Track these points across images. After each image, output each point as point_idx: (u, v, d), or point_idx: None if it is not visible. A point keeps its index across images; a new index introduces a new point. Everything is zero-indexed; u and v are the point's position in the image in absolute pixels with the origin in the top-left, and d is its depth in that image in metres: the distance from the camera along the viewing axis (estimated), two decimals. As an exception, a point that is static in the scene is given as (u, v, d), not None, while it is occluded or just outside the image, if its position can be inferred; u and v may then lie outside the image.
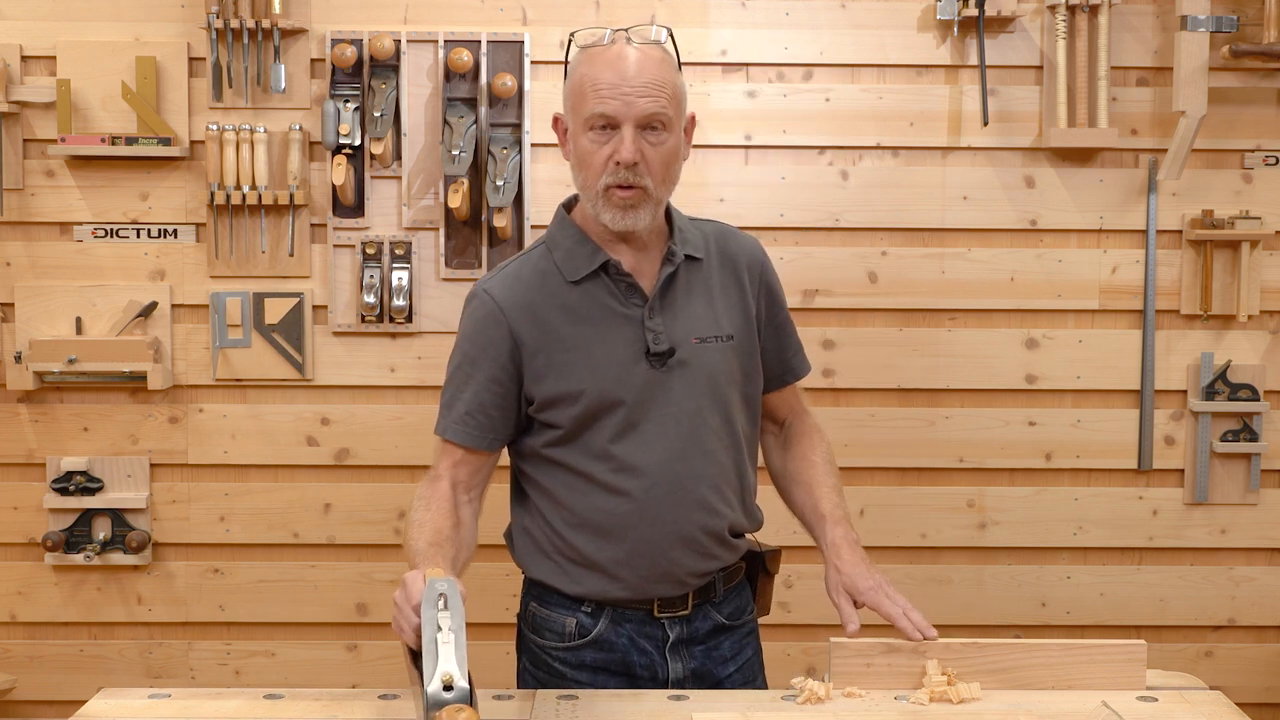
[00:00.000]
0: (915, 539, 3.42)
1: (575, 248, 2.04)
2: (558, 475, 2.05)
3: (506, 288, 2.04)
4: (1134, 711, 1.86)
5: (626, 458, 2.00)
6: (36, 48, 3.30)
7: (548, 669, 2.11)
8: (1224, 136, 3.36)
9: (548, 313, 2.01)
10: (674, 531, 2.02)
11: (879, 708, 1.87)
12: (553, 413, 2.02)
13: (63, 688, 3.41)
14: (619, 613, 2.07)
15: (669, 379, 2.01)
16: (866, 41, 3.34)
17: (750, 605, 2.21)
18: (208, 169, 3.29)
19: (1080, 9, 3.26)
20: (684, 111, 2.01)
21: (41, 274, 3.35)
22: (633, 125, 1.92)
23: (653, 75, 1.93)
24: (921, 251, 3.38)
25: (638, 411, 2.01)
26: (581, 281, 2.02)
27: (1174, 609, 3.46)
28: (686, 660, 2.10)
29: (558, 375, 2.00)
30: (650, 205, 1.97)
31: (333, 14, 3.31)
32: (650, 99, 1.92)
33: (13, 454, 3.39)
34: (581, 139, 1.96)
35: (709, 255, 2.10)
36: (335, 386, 3.38)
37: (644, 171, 1.94)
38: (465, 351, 2.06)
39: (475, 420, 2.03)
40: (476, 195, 3.28)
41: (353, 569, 3.42)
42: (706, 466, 2.04)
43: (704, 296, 2.07)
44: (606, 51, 1.94)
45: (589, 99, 1.93)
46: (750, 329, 2.11)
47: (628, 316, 2.02)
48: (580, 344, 2.00)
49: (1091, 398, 3.41)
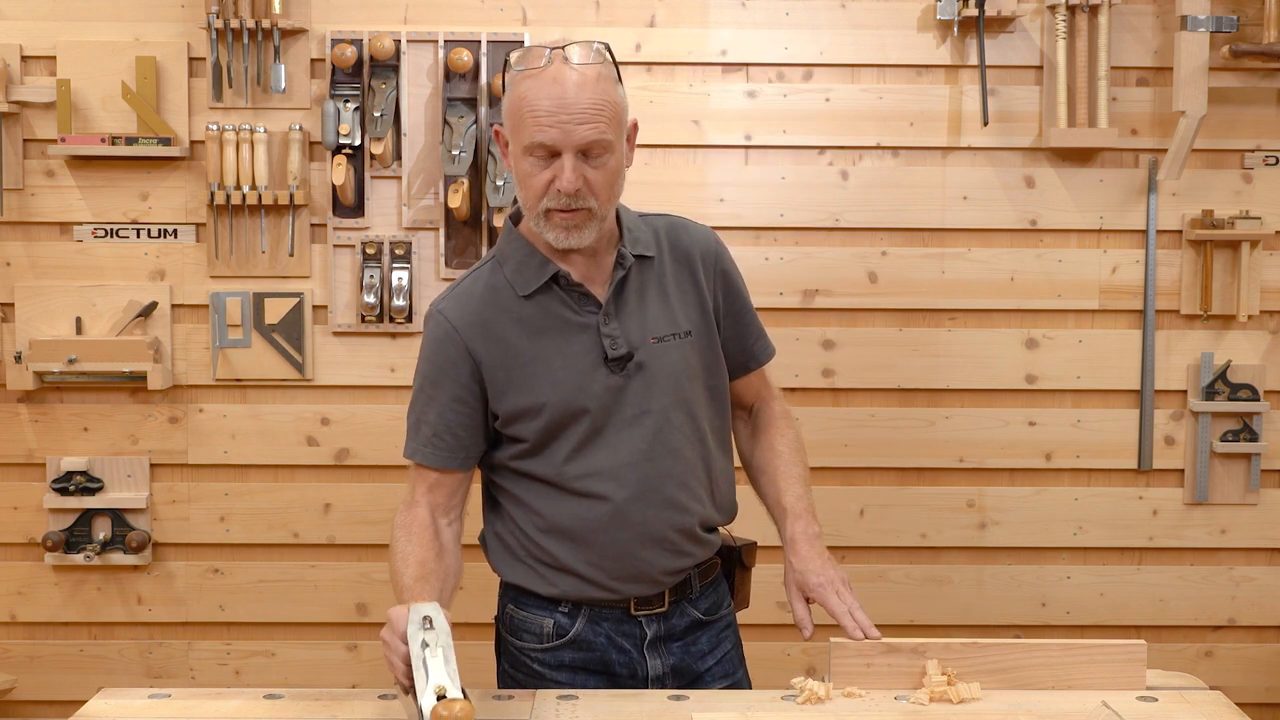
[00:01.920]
0: (915, 539, 3.42)
1: (525, 260, 2.02)
2: (526, 484, 2.05)
3: (460, 306, 2.03)
4: (1134, 711, 1.86)
5: (593, 464, 2.00)
6: (36, 48, 3.31)
7: (527, 670, 2.11)
8: (1224, 136, 3.36)
9: (503, 328, 2.01)
10: (645, 532, 2.02)
11: (879, 708, 1.88)
12: (517, 426, 2.02)
13: (63, 688, 3.41)
14: (596, 612, 2.07)
15: (630, 383, 2.01)
16: (866, 41, 3.34)
17: (727, 600, 2.21)
18: (208, 169, 3.29)
19: (1080, 9, 3.26)
20: (625, 125, 1.96)
21: (41, 274, 3.35)
22: (572, 153, 1.89)
23: (591, 99, 1.88)
24: (921, 251, 3.38)
25: (601, 417, 2.00)
26: (534, 295, 2.01)
27: (1174, 609, 3.46)
28: (665, 657, 2.10)
29: (519, 390, 2.00)
30: (595, 223, 1.95)
31: (333, 14, 3.31)
32: (589, 125, 1.88)
33: (13, 454, 3.39)
34: (522, 161, 1.93)
35: (661, 251, 2.08)
36: (335, 386, 3.38)
37: (587, 194, 1.91)
38: (426, 373, 2.05)
39: (444, 441, 2.03)
40: (476, 195, 3.28)
41: (353, 569, 3.42)
42: (674, 465, 2.04)
43: (658, 295, 2.06)
44: (543, 74, 1.89)
45: (527, 125, 1.89)
46: (708, 321, 2.10)
47: (583, 325, 2.01)
48: (538, 357, 2.00)
49: (1091, 398, 3.41)
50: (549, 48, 1.90)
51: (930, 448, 3.40)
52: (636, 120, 2.02)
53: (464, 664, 1.85)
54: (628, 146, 1.99)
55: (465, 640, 3.23)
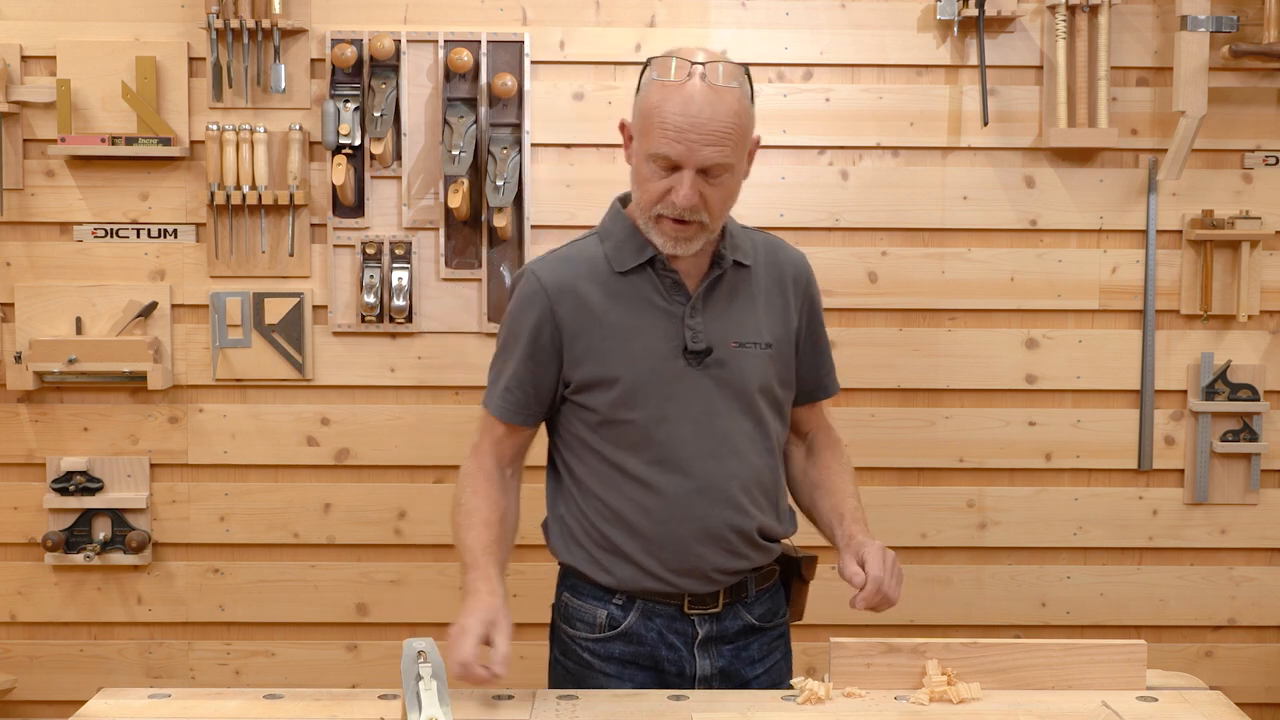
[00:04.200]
0: (915, 539, 3.42)
1: (626, 240, 2.07)
2: (592, 464, 2.08)
3: (553, 269, 2.08)
4: (1134, 711, 1.86)
5: (658, 452, 2.04)
6: (36, 48, 3.30)
7: (577, 659, 2.14)
8: (1224, 136, 3.36)
9: (591, 298, 2.04)
10: (702, 528, 2.05)
11: (879, 708, 1.88)
12: (587, 396, 2.06)
13: (63, 688, 3.41)
14: (650, 606, 2.09)
15: (704, 378, 2.05)
16: (866, 41, 3.34)
17: (783, 609, 2.22)
18: (208, 169, 3.29)
19: (1080, 9, 3.26)
20: (748, 143, 2.00)
21: (41, 274, 3.35)
22: (693, 171, 1.93)
23: (721, 121, 1.92)
24: (921, 251, 3.38)
25: (671, 406, 2.04)
26: (628, 273, 2.05)
27: (1174, 609, 3.46)
28: (715, 659, 2.11)
29: (595, 360, 2.04)
30: (704, 235, 2.01)
31: (333, 14, 3.31)
32: (714, 148, 1.92)
33: (13, 454, 3.39)
34: (644, 165, 1.97)
35: (757, 263, 2.12)
36: (335, 386, 3.38)
37: (700, 210, 1.96)
38: (509, 329, 2.11)
39: (513, 396, 2.09)
40: (476, 195, 3.28)
41: (353, 569, 3.42)
42: (738, 467, 2.07)
43: (747, 302, 2.09)
44: (681, 88, 1.92)
45: (655, 134, 1.94)
46: (789, 339, 2.14)
47: (669, 312, 2.05)
48: (620, 333, 2.04)
49: (1091, 398, 3.41)
50: (691, 61, 1.93)
51: (930, 448, 3.40)
52: (759, 138, 2.07)
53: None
54: (746, 162, 2.04)
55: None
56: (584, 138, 3.33)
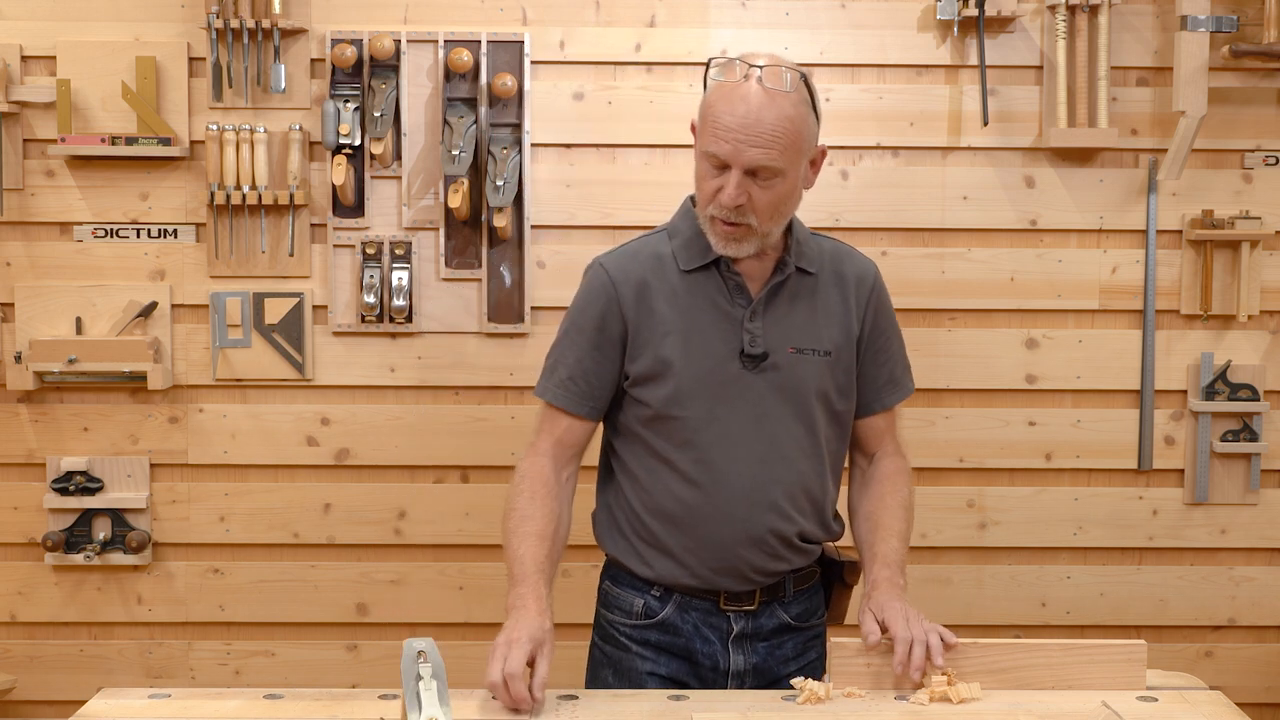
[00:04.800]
0: (915, 539, 3.37)
1: (694, 238, 2.08)
2: (642, 457, 2.10)
3: (621, 263, 2.11)
4: (1134, 711, 1.86)
5: (706, 451, 2.05)
6: (36, 48, 3.30)
7: (615, 643, 2.17)
8: (1224, 136, 3.36)
9: (656, 293, 2.07)
10: (743, 530, 2.06)
11: (879, 708, 1.88)
12: (643, 389, 2.07)
13: (63, 688, 3.41)
14: (686, 600, 2.12)
15: (759, 382, 2.06)
16: (866, 41, 3.34)
17: (821, 609, 2.23)
18: (208, 169, 3.29)
19: (1080, 9, 3.26)
20: (806, 151, 2.01)
21: (41, 274, 3.35)
22: (740, 171, 1.95)
23: (772, 123, 1.93)
24: (921, 251, 3.38)
25: (723, 408, 2.05)
26: (693, 271, 2.07)
27: (1174, 609, 3.46)
28: (749, 655, 2.13)
29: (653, 354, 2.06)
30: (755, 239, 2.01)
31: (333, 14, 3.31)
32: (761, 149, 1.93)
33: (13, 454, 3.38)
34: (701, 162, 2.01)
35: (822, 270, 2.13)
36: (335, 386, 3.38)
37: (748, 211, 1.97)
38: (574, 319, 2.12)
39: (576, 386, 2.09)
40: (476, 195, 3.28)
41: (353, 569, 3.42)
42: (784, 472, 2.07)
43: (808, 309, 2.10)
44: (735, 89, 1.95)
45: (708, 133, 1.97)
46: (850, 347, 2.14)
47: (730, 314, 2.06)
48: (679, 329, 2.05)
49: (1091, 398, 3.41)
50: (750, 64, 1.96)
51: (930, 448, 3.40)
52: (825, 148, 2.07)
53: (464, 663, 1.86)
54: (810, 170, 2.05)
55: (467, 640, 3.22)
56: (584, 138, 3.33)
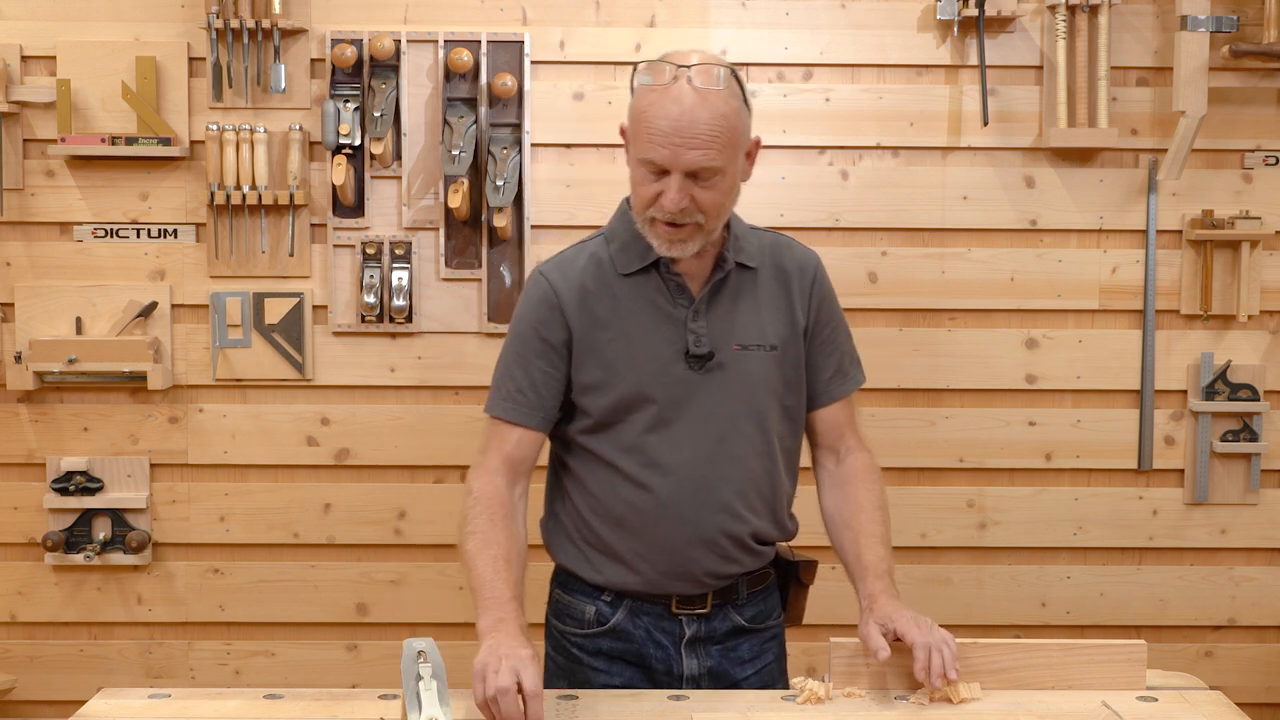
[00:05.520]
0: (915, 539, 3.42)
1: (631, 241, 2.06)
2: (589, 463, 2.07)
3: (561, 271, 2.08)
4: (1134, 711, 1.86)
5: (654, 454, 2.03)
6: (36, 48, 3.30)
7: (567, 655, 2.14)
8: (1224, 136, 3.36)
9: (597, 300, 2.04)
10: (694, 532, 2.04)
11: (879, 708, 1.88)
12: (587, 399, 2.05)
13: (63, 688, 3.41)
14: (637, 604, 2.09)
15: (706, 381, 2.04)
16: (866, 41, 3.34)
17: (777, 610, 2.20)
18: (208, 169, 3.29)
19: (1080, 9, 3.26)
20: (742, 145, 1.98)
21: (41, 274, 3.35)
22: (680, 175, 1.92)
23: (707, 124, 1.90)
24: (921, 251, 3.38)
25: (670, 410, 2.03)
26: (633, 275, 2.05)
27: (1174, 609, 3.46)
28: (703, 659, 2.11)
29: (596, 362, 2.04)
30: (700, 236, 1.99)
31: (333, 14, 3.31)
32: (700, 151, 1.91)
33: (13, 454, 3.38)
34: (637, 168, 1.97)
35: (763, 265, 2.11)
36: (335, 386, 3.38)
37: (693, 211, 1.95)
38: (518, 331, 2.09)
39: (526, 398, 2.06)
40: (476, 195, 3.28)
41: (353, 569, 3.42)
42: (735, 471, 2.05)
43: (751, 305, 2.08)
44: (666, 92, 1.91)
45: (643, 139, 1.93)
46: (796, 340, 2.11)
47: (672, 315, 2.04)
48: (622, 335, 2.03)
49: (1091, 398, 3.41)
50: (678, 65, 1.92)
51: (930, 448, 3.40)
52: (760, 139, 2.05)
53: (464, 663, 1.85)
54: (746, 162, 2.02)
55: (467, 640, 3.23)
56: (584, 138, 3.33)
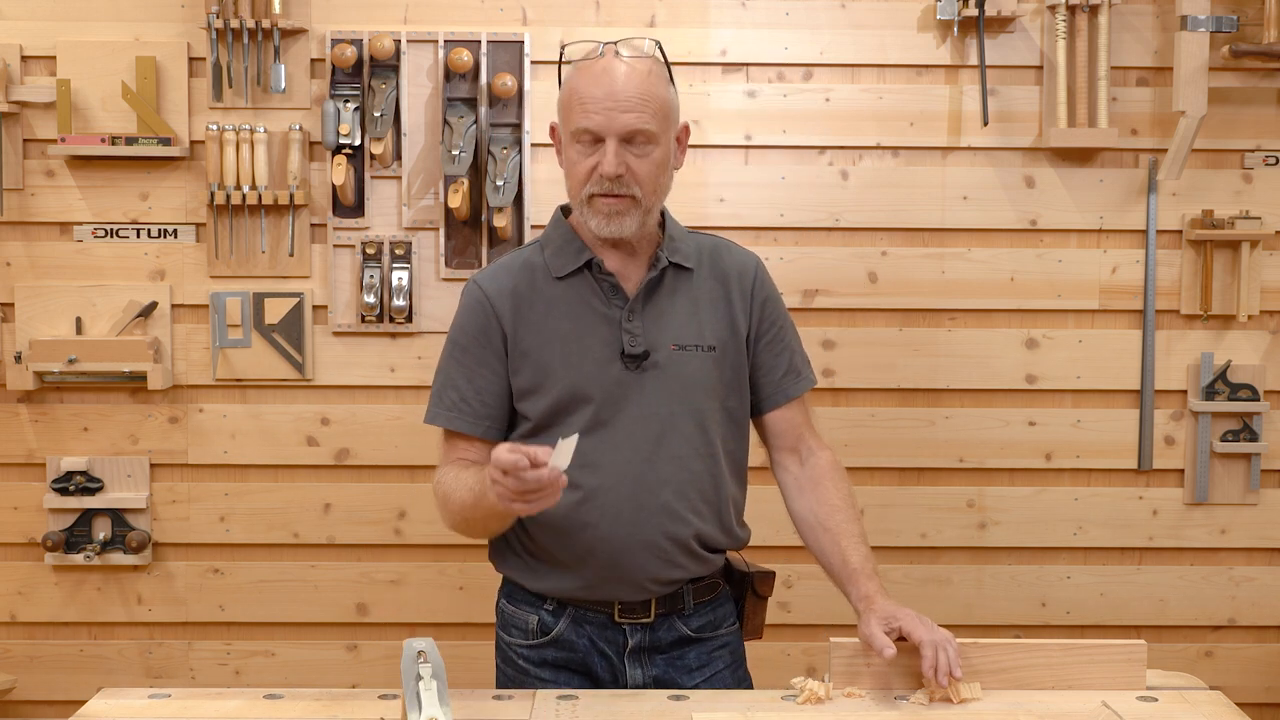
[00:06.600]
0: (915, 539, 3.42)
1: (564, 245, 2.07)
2: None
3: (494, 278, 2.09)
4: (1134, 711, 1.86)
5: (592, 455, 1.99)
6: (36, 48, 3.30)
7: (515, 666, 2.13)
8: (1224, 136, 3.36)
9: (531, 305, 2.05)
10: (634, 534, 2.02)
11: (879, 708, 1.88)
12: (526, 404, 2.05)
13: (63, 688, 3.41)
14: (580, 613, 2.08)
15: (642, 382, 2.02)
16: (866, 41, 3.34)
17: (728, 620, 2.17)
18: (208, 169, 3.29)
19: (1080, 9, 3.26)
20: (673, 123, 2.03)
21: (41, 274, 3.35)
22: (616, 139, 1.95)
23: (638, 90, 1.95)
24: (921, 251, 3.38)
25: (606, 410, 2.02)
26: (566, 278, 2.05)
27: (1174, 609, 3.46)
28: (647, 668, 2.09)
29: (533, 367, 2.03)
30: (638, 213, 1.99)
31: (333, 14, 3.31)
32: (634, 114, 1.95)
33: (13, 454, 3.38)
34: (570, 150, 2.00)
35: (700, 266, 2.10)
36: (335, 386, 3.38)
37: (630, 181, 1.97)
38: (455, 340, 2.10)
39: (469, 406, 2.06)
40: (476, 195, 3.28)
41: (353, 569, 3.42)
42: (675, 472, 2.03)
43: (689, 306, 2.07)
44: (594, 65, 1.97)
45: (575, 113, 1.97)
46: (738, 343, 2.10)
47: (607, 316, 2.04)
48: (558, 338, 2.03)
49: (1091, 398, 3.41)
50: (602, 43, 1.98)
51: (930, 448, 3.40)
52: (689, 125, 2.08)
53: (464, 663, 1.85)
54: (678, 148, 2.05)
55: (467, 640, 3.22)
56: (584, 138, 3.32)
